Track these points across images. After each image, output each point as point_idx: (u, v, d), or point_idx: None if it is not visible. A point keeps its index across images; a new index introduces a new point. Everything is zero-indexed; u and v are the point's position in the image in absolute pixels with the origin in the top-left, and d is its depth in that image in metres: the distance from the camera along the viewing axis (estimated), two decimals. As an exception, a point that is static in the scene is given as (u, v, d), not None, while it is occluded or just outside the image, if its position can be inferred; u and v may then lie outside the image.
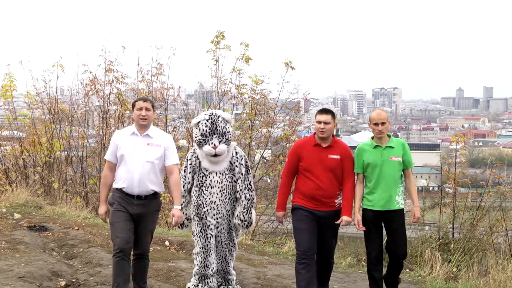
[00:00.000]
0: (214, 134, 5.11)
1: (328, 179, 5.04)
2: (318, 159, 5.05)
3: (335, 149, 5.10)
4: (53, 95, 11.30)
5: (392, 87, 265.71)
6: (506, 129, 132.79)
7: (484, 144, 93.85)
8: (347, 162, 5.12)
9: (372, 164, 5.07)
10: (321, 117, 5.03)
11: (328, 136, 5.08)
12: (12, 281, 5.07)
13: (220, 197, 5.21)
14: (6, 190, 9.43)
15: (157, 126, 10.91)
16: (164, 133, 5.18)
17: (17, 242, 6.39)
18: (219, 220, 5.25)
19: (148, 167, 4.79)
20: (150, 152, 4.83)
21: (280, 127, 11.03)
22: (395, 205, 5.06)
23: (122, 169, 4.83)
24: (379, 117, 5.07)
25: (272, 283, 5.72)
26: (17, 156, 10.95)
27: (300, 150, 5.16)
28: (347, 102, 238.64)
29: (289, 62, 10.38)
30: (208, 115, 5.22)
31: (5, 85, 11.01)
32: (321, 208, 5.05)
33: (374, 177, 5.07)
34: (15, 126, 11.44)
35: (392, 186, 5.07)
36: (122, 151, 4.81)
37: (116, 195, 4.85)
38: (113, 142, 4.94)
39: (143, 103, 4.87)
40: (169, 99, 11.53)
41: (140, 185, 4.77)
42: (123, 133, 4.99)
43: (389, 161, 5.06)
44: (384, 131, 5.08)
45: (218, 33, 10.29)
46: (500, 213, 7.98)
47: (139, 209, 4.81)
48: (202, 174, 5.22)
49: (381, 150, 5.08)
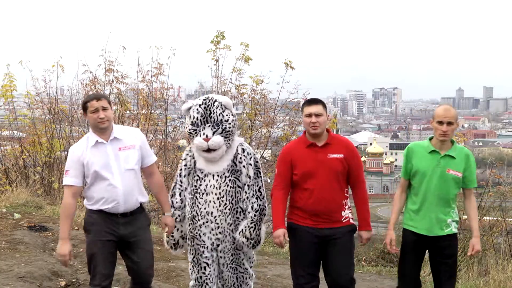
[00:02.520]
0: (207, 122, 4.07)
1: (331, 187, 4.03)
2: (316, 162, 4.04)
3: (335, 146, 4.10)
4: (53, 95, 11.30)
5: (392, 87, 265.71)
6: (506, 129, 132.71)
7: (484, 144, 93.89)
8: (354, 160, 4.13)
9: (422, 173, 4.02)
10: (310, 109, 4.06)
11: (322, 132, 4.08)
12: (12, 281, 5.08)
13: (218, 207, 4.12)
14: (6, 190, 9.43)
15: (156, 126, 11.01)
16: (131, 129, 4.29)
17: (17, 242, 6.40)
18: (219, 237, 4.16)
19: (131, 176, 3.96)
20: (126, 157, 3.97)
21: (280, 127, 11.04)
22: (444, 230, 4.01)
23: (99, 188, 3.92)
24: (446, 114, 3.95)
25: (272, 283, 5.72)
26: (17, 156, 10.95)
27: (291, 156, 4.13)
28: (347, 102, 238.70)
29: (289, 62, 10.38)
30: (202, 99, 4.18)
31: (5, 85, 11.03)
32: (325, 225, 4.06)
33: (422, 190, 4.03)
34: (15, 126, 11.46)
35: (443, 206, 4.01)
36: (93, 168, 3.89)
37: (94, 217, 3.96)
38: (76, 160, 3.93)
39: (97, 103, 3.92)
40: (169, 99, 11.54)
41: (127, 201, 3.94)
42: (82, 146, 3.98)
43: (444, 174, 3.99)
44: (449, 134, 3.98)
45: (218, 33, 10.29)
46: (500, 213, 7.98)
47: (127, 227, 3.98)
48: (196, 177, 4.18)
49: (438, 157, 4.00)
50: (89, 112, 3.96)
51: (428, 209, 4.01)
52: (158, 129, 11.17)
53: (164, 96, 11.17)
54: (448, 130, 3.95)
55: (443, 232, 4.01)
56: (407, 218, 4.13)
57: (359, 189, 4.19)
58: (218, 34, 10.30)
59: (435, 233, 4.01)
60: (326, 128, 4.15)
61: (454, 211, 4.07)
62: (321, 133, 4.09)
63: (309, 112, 4.06)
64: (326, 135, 4.14)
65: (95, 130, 3.98)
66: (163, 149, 10.82)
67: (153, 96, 10.96)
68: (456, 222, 4.08)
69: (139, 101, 11.01)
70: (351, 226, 4.13)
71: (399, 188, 4.24)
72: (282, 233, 4.03)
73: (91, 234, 3.96)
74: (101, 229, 3.92)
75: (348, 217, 4.12)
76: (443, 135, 3.96)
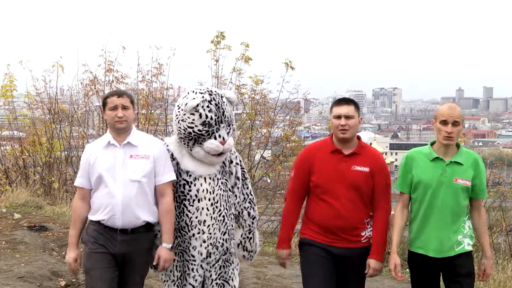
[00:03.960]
0: (222, 122, 3.54)
1: (351, 202, 3.53)
2: (337, 173, 3.55)
3: (363, 157, 3.58)
4: (53, 95, 11.30)
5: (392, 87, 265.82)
6: (506, 129, 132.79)
7: (484, 144, 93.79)
8: (380, 177, 3.59)
9: (425, 184, 3.46)
10: (340, 109, 3.54)
11: (353, 137, 3.58)
12: (12, 281, 5.07)
13: (211, 214, 3.60)
14: (6, 190, 9.43)
15: (156, 126, 11.01)
16: (153, 138, 3.80)
17: (17, 242, 6.39)
18: (209, 248, 3.63)
19: (134, 188, 3.51)
20: (135, 167, 3.54)
21: (280, 127, 11.04)
22: (455, 248, 3.48)
23: (100, 195, 3.55)
24: (451, 113, 3.41)
25: (272, 283, 5.71)
26: (17, 156, 10.95)
27: (312, 159, 3.64)
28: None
29: (289, 62, 10.37)
30: (208, 93, 3.57)
31: (5, 85, 11.03)
32: (342, 244, 3.57)
33: (426, 204, 3.47)
34: (15, 126, 11.45)
35: (452, 222, 3.47)
36: (98, 170, 3.53)
37: (92, 229, 3.60)
38: (85, 160, 3.63)
39: (117, 100, 3.56)
40: (169, 99, 11.53)
41: (125, 215, 3.50)
42: (95, 145, 3.68)
43: (452, 184, 3.44)
44: (454, 137, 3.42)
45: (218, 33, 10.29)
46: (500, 213, 7.98)
47: (124, 247, 3.53)
48: (183, 182, 3.61)
49: (443, 165, 3.45)
50: (107, 109, 3.58)
51: (434, 226, 3.46)
52: (158, 129, 11.16)
53: (164, 96, 11.17)
54: (454, 132, 3.40)
55: (454, 251, 3.46)
56: (412, 239, 3.59)
57: (379, 215, 3.59)
58: (218, 34, 10.30)
59: (445, 254, 3.46)
60: (357, 134, 3.63)
61: (465, 225, 3.52)
62: (351, 139, 3.58)
63: (338, 113, 3.54)
64: (355, 143, 3.62)
65: (111, 130, 3.63)
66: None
67: (153, 96, 10.96)
68: (470, 238, 3.52)
69: (139, 101, 11.00)
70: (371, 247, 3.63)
71: (398, 204, 3.64)
72: (286, 255, 3.69)
73: (88, 246, 3.60)
74: (100, 244, 3.55)
75: (369, 237, 3.61)
76: (448, 138, 3.40)
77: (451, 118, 3.40)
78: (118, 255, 3.55)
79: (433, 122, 3.51)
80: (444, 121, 3.42)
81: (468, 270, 3.51)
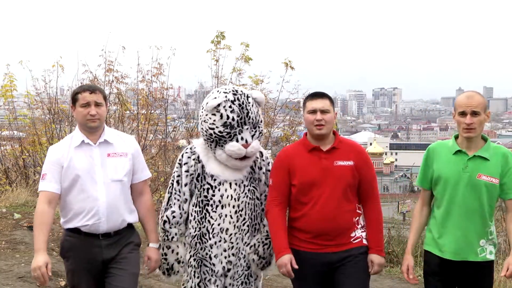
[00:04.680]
0: (245, 124, 3.36)
1: (339, 202, 3.29)
2: (320, 171, 3.31)
3: (344, 151, 3.37)
4: (53, 95, 11.30)
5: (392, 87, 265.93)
6: (506, 129, 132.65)
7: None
8: (365, 169, 3.39)
9: (446, 180, 3.18)
10: (315, 103, 3.33)
11: (329, 133, 3.36)
12: (12, 281, 5.08)
13: (235, 222, 3.41)
14: (6, 190, 9.44)
15: (156, 126, 11.00)
16: (125, 135, 3.57)
17: (17, 242, 6.39)
18: (231, 259, 3.44)
19: (117, 189, 3.30)
20: (115, 166, 3.31)
21: (280, 127, 11.04)
22: (478, 255, 3.17)
23: (77, 200, 3.26)
24: (470, 102, 3.10)
25: (272, 283, 5.71)
26: (17, 156, 10.95)
27: (289, 162, 3.38)
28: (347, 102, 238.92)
29: (289, 62, 10.37)
30: (232, 93, 3.40)
31: (5, 85, 11.04)
32: (331, 249, 3.31)
33: (445, 201, 3.20)
34: (15, 126, 11.46)
35: (474, 222, 3.16)
36: (73, 172, 3.24)
37: (70, 242, 3.32)
38: (55, 162, 3.28)
39: (90, 96, 3.26)
40: (169, 99, 11.53)
41: (110, 218, 3.27)
42: (64, 146, 3.34)
43: (473, 180, 3.13)
44: (476, 128, 3.11)
45: (218, 33, 10.29)
46: (500, 213, 7.98)
47: (112, 249, 3.31)
48: (207, 186, 3.43)
49: (466, 159, 3.15)
50: (78, 106, 3.28)
51: (454, 226, 3.17)
52: (158, 129, 11.16)
53: (164, 96, 11.17)
54: (474, 123, 3.08)
55: (475, 257, 3.16)
56: (428, 238, 3.32)
57: (372, 207, 3.42)
58: (218, 34, 10.30)
59: (463, 258, 3.16)
60: (332, 129, 3.43)
61: (489, 229, 3.20)
62: (327, 135, 3.37)
63: (313, 108, 3.33)
64: (332, 138, 3.41)
65: (82, 128, 3.34)
66: (163, 149, 10.83)
67: (153, 96, 10.96)
68: (494, 246, 3.22)
69: (139, 101, 11.00)
70: (364, 247, 3.38)
71: (419, 200, 3.42)
72: (288, 260, 3.28)
73: (69, 261, 3.32)
74: (82, 256, 3.27)
75: (360, 237, 3.37)
76: (468, 130, 3.09)
77: (469, 107, 3.09)
78: (107, 260, 3.30)
79: (453, 114, 3.21)
80: (462, 112, 3.11)
81: (488, 285, 3.23)
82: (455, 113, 3.19)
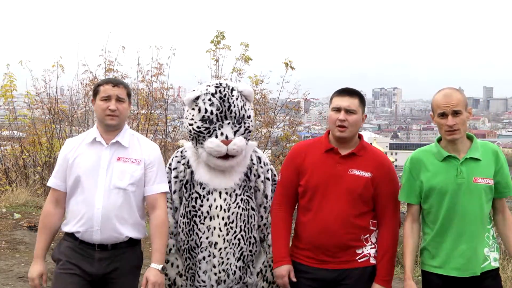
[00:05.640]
0: (226, 118, 3.04)
1: (344, 215, 2.90)
2: (331, 177, 2.93)
3: (363, 160, 2.96)
4: (53, 95, 11.29)
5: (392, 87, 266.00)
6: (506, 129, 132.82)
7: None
8: (385, 184, 2.98)
9: (439, 191, 2.86)
10: (342, 101, 2.91)
11: (353, 137, 2.98)
12: (12, 281, 5.08)
13: (225, 236, 3.09)
14: (6, 190, 9.43)
15: (156, 126, 11.01)
16: (147, 141, 3.22)
17: (17, 242, 6.39)
18: (221, 276, 3.11)
19: (119, 197, 2.96)
20: (122, 172, 2.98)
21: (280, 127, 11.04)
22: (482, 265, 2.88)
23: (76, 201, 2.99)
24: (448, 101, 2.79)
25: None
26: (17, 156, 10.95)
27: (302, 158, 3.02)
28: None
29: (289, 62, 10.38)
30: (214, 86, 3.10)
31: (5, 85, 11.03)
32: (333, 265, 2.94)
33: (442, 214, 2.87)
34: (15, 126, 11.46)
35: (476, 231, 2.87)
36: (76, 171, 2.96)
37: (65, 245, 3.02)
38: (63, 156, 3.04)
39: (112, 89, 2.97)
40: (169, 99, 11.53)
41: (105, 228, 2.93)
42: (76, 141, 3.09)
43: (471, 186, 2.83)
44: (460, 129, 2.81)
45: (218, 33, 10.29)
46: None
47: (103, 266, 2.96)
48: (195, 195, 3.11)
49: (457, 164, 2.85)
50: (98, 99, 2.99)
51: (456, 240, 2.85)
52: (158, 129, 11.16)
53: (164, 96, 11.17)
54: (457, 123, 2.79)
55: (480, 268, 2.85)
56: (426, 257, 2.98)
57: (386, 228, 2.97)
58: (218, 34, 10.30)
59: (473, 273, 2.84)
60: (358, 133, 3.04)
61: (489, 234, 2.93)
62: (350, 138, 2.97)
63: (338, 105, 2.91)
64: (356, 142, 3.01)
65: (99, 125, 3.05)
66: (163, 149, 10.83)
67: (153, 96, 10.96)
68: (496, 250, 2.96)
69: (139, 101, 11.00)
70: (370, 268, 2.99)
71: (407, 217, 3.03)
72: (286, 272, 2.98)
73: (59, 265, 3.00)
74: (70, 261, 2.96)
75: (368, 255, 2.97)
76: (451, 132, 2.80)
77: (448, 107, 2.79)
78: (96, 276, 2.97)
79: (432, 116, 2.93)
80: (442, 114, 2.83)
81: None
82: (434, 115, 2.89)
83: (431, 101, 2.92)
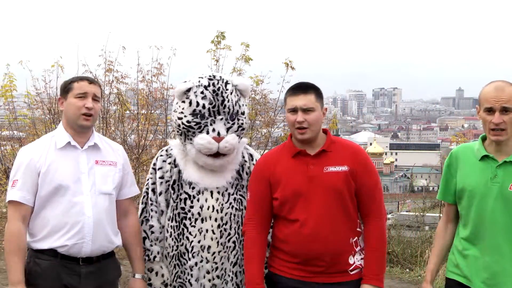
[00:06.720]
0: (219, 113, 2.83)
1: (331, 217, 2.67)
2: (307, 181, 2.69)
3: (336, 154, 2.73)
4: (53, 95, 11.29)
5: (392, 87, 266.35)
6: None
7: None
8: (365, 175, 2.74)
9: (471, 193, 2.57)
10: (296, 100, 2.68)
11: (316, 135, 2.73)
12: (12, 281, 5.05)
13: (218, 239, 2.86)
14: (6, 190, 9.44)
15: (156, 126, 11.01)
16: (113, 142, 3.04)
17: (17, 242, 6.37)
18: (216, 282, 2.87)
19: (105, 203, 2.76)
20: (104, 175, 2.78)
21: (280, 127, 11.05)
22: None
23: (56, 213, 2.66)
24: (499, 95, 2.45)
25: None
26: (17, 156, 10.96)
27: (270, 171, 2.76)
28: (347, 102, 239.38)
29: (289, 62, 10.38)
30: (207, 78, 2.88)
31: (5, 85, 11.05)
32: (322, 278, 2.69)
33: (471, 218, 2.59)
34: (15, 126, 11.47)
35: (508, 245, 2.51)
36: (55, 179, 2.67)
37: (41, 265, 2.66)
38: (30, 166, 2.71)
39: (89, 86, 2.74)
40: (169, 99, 11.54)
41: (97, 238, 2.70)
42: (43, 147, 2.77)
43: (506, 193, 2.50)
44: (508, 128, 2.46)
45: (218, 33, 10.29)
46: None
47: (90, 282, 2.71)
48: (184, 196, 2.88)
49: (493, 166, 2.54)
50: (72, 96, 2.73)
51: (483, 251, 2.55)
52: (158, 129, 11.17)
53: (164, 96, 11.16)
54: (505, 122, 2.44)
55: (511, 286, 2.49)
56: (451, 262, 2.72)
57: (373, 225, 2.73)
58: (218, 34, 10.30)
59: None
60: (322, 128, 2.80)
61: None
62: (315, 138, 2.73)
63: (293, 106, 2.68)
64: (322, 139, 2.77)
65: (70, 126, 2.80)
66: (163, 149, 10.83)
67: (153, 96, 10.96)
68: None
69: (139, 101, 11.00)
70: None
71: (442, 217, 2.82)
72: None
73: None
74: (55, 286, 2.65)
75: (359, 267, 2.73)
76: (495, 132, 2.47)
77: (498, 103, 2.44)
78: None
79: (478, 109, 2.58)
80: (489, 109, 2.48)
81: None
82: (479, 109, 2.55)
83: (479, 93, 2.57)
